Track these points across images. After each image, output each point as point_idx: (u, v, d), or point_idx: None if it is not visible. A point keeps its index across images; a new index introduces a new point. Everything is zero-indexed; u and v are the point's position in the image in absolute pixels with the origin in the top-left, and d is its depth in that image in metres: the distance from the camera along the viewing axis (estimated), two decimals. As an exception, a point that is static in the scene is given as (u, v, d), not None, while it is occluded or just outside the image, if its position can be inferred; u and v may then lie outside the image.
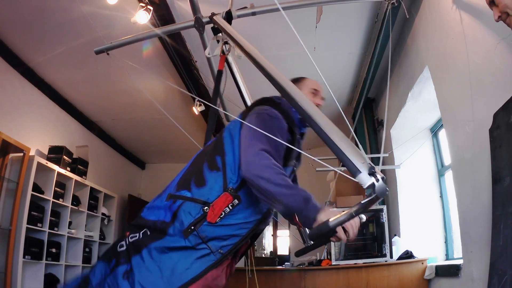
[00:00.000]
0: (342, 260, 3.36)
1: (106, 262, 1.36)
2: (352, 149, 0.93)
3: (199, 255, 1.27)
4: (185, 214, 1.29)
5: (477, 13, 1.95)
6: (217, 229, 1.28)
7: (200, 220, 1.28)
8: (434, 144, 3.63)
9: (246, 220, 1.34)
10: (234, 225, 1.31)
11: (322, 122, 1.03)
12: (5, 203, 3.45)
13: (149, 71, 4.10)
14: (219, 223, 1.28)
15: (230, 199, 1.29)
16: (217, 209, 1.28)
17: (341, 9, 3.21)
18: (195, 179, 1.36)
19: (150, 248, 1.29)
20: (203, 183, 1.34)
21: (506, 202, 1.55)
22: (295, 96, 1.18)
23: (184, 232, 1.27)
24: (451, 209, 3.28)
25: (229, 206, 1.29)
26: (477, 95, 2.00)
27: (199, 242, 1.27)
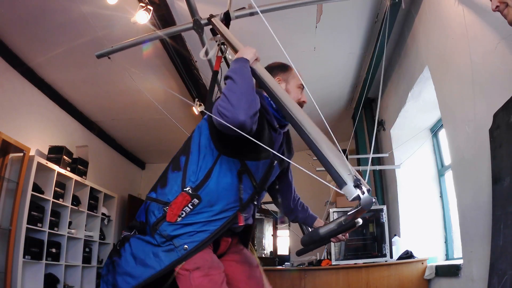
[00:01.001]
0: (342, 260, 3.36)
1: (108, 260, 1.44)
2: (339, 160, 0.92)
3: (164, 249, 1.31)
4: (150, 214, 1.36)
5: (477, 13, 1.95)
6: (179, 227, 1.31)
7: (161, 219, 1.32)
8: (434, 144, 3.63)
9: (213, 218, 1.33)
10: (200, 222, 1.32)
11: (311, 131, 1.04)
12: (5, 203, 3.45)
13: (149, 72, 4.10)
14: (181, 222, 1.31)
15: (188, 199, 1.32)
16: (175, 209, 1.31)
17: (341, 9, 3.21)
18: (161, 181, 1.42)
19: (133, 239, 1.37)
20: (165, 184, 1.39)
21: (506, 202, 1.55)
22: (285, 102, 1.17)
23: (151, 231, 1.33)
24: (451, 209, 3.28)
25: (189, 205, 1.31)
26: (477, 95, 2.00)
27: (164, 240, 1.31)
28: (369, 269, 3.15)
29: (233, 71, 1.26)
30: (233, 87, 1.19)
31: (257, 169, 1.42)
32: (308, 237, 0.96)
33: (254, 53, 1.37)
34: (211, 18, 1.99)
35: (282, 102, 1.18)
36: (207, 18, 2.06)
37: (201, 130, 1.42)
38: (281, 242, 8.62)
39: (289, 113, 1.14)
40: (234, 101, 1.15)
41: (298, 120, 1.09)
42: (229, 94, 1.17)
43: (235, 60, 1.34)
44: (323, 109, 5.07)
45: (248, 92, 1.19)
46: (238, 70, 1.26)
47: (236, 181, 1.37)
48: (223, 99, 1.17)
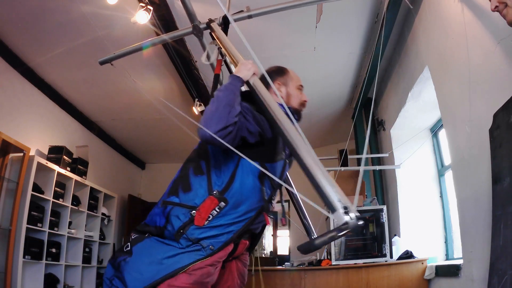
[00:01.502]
0: (342, 260, 3.36)
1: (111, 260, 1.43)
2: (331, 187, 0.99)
3: (188, 250, 1.31)
4: (175, 219, 1.34)
5: (477, 13, 1.95)
6: (207, 230, 1.32)
7: (188, 223, 1.32)
8: (434, 144, 3.63)
9: (238, 219, 1.36)
10: (225, 225, 1.34)
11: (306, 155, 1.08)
12: (5, 203, 3.45)
13: (149, 72, 4.10)
14: (208, 225, 1.32)
15: (216, 202, 1.33)
16: (203, 213, 1.32)
17: (341, 9, 3.21)
18: (182, 185, 1.41)
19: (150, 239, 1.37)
20: (189, 188, 1.39)
21: (506, 202, 1.55)
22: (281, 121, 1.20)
23: (175, 236, 1.32)
24: (451, 209, 3.28)
25: (216, 209, 1.33)
26: (477, 95, 2.00)
27: (190, 244, 1.31)
28: (369, 269, 3.15)
29: (220, 89, 1.34)
30: (211, 105, 1.28)
31: (274, 170, 1.47)
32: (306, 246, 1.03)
33: (250, 69, 1.40)
34: (210, 22, 1.99)
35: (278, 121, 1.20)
36: (206, 22, 2.06)
37: None
38: (281, 242, 8.63)
39: (283, 132, 1.17)
40: (205, 117, 1.25)
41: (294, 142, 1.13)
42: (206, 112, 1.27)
43: (229, 77, 1.40)
44: (323, 109, 5.11)
45: (220, 109, 1.25)
46: (225, 88, 1.34)
47: (258, 183, 1.41)
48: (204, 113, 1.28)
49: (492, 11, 1.34)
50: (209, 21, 1.99)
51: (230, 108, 1.27)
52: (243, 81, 1.39)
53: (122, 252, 1.39)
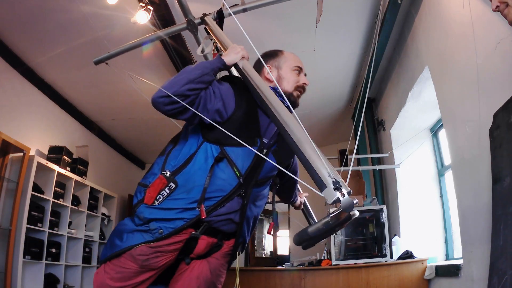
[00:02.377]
0: (342, 260, 3.36)
1: None
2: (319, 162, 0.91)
3: (140, 229, 1.32)
4: (135, 196, 1.39)
5: (477, 13, 1.95)
6: (155, 211, 1.29)
7: (141, 201, 1.34)
8: (434, 144, 3.63)
9: (190, 206, 1.27)
10: (175, 209, 1.28)
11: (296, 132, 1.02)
12: (5, 203, 3.45)
13: (149, 72, 4.10)
14: (158, 206, 1.30)
15: (164, 182, 1.30)
16: (152, 191, 1.31)
17: (341, 9, 3.21)
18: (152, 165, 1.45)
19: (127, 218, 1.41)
20: (150, 168, 1.42)
21: (506, 202, 1.55)
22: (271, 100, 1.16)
23: (132, 212, 1.37)
24: (451, 209, 3.28)
25: (166, 189, 1.29)
26: (477, 95, 2.00)
27: (141, 222, 1.31)
28: (369, 269, 3.15)
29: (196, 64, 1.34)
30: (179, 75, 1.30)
31: (238, 157, 1.31)
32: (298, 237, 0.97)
33: (238, 52, 1.39)
34: (204, 17, 1.98)
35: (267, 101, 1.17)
36: (200, 17, 2.05)
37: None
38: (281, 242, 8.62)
39: (272, 112, 1.13)
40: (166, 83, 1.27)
41: (282, 119, 1.07)
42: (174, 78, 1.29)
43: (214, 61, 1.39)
44: (323, 109, 5.11)
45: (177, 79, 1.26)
46: (197, 64, 1.34)
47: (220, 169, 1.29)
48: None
49: (493, 11, 1.34)
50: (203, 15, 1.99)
51: (188, 81, 1.25)
52: (225, 64, 1.37)
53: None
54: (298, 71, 1.51)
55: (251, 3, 2.15)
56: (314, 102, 4.82)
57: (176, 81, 1.25)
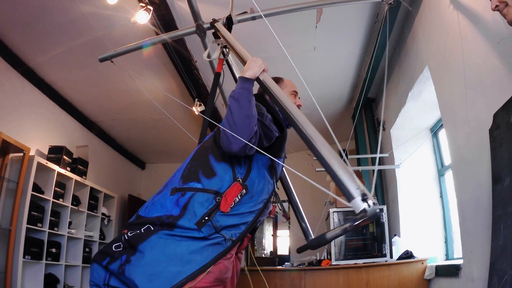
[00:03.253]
0: (342, 260, 3.36)
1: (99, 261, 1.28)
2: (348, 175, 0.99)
3: (210, 243, 1.26)
4: (198, 205, 1.28)
5: (478, 13, 1.95)
6: (229, 218, 1.31)
7: (214, 210, 1.29)
8: (434, 144, 3.63)
9: (251, 209, 1.38)
10: (243, 214, 1.35)
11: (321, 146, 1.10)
12: (5, 203, 3.45)
13: (149, 72, 4.10)
14: (231, 212, 1.31)
15: (240, 189, 1.34)
16: (229, 199, 1.31)
17: (341, 9, 3.21)
18: (203, 170, 1.37)
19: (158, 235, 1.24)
20: (213, 174, 1.35)
21: (506, 202, 1.55)
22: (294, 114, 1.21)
23: (198, 224, 1.25)
24: (451, 209, 3.28)
25: (239, 195, 1.33)
26: (477, 95, 2.00)
27: (213, 232, 1.26)
28: (369, 269, 3.15)
29: (234, 96, 1.34)
30: (230, 118, 1.30)
31: (278, 165, 1.54)
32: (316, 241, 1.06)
33: (260, 65, 1.41)
34: (214, 22, 1.99)
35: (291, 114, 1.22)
36: (209, 22, 2.06)
37: None
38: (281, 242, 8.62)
39: (298, 126, 1.18)
40: (228, 134, 1.27)
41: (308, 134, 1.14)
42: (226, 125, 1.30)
43: (239, 80, 1.39)
44: (323, 109, 5.09)
45: (242, 124, 1.28)
46: (237, 94, 1.34)
47: (268, 175, 1.47)
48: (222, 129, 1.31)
49: (493, 10, 1.34)
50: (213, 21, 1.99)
51: (250, 119, 1.30)
52: (253, 82, 1.39)
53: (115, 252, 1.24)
54: (294, 95, 1.75)
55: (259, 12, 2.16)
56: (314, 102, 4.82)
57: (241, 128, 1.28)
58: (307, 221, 1.97)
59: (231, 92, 1.37)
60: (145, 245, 1.22)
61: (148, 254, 1.20)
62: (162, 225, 1.26)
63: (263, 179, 1.43)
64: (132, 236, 1.26)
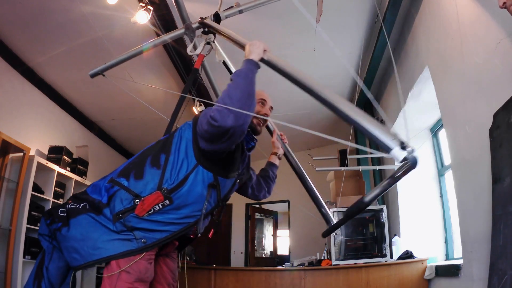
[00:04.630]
0: (342, 260, 3.36)
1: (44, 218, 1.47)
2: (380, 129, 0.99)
3: (120, 237, 1.34)
4: (118, 201, 1.36)
5: (478, 13, 1.95)
6: (143, 222, 1.34)
7: (129, 210, 1.34)
8: (434, 144, 3.63)
9: (177, 221, 1.38)
10: (162, 222, 1.36)
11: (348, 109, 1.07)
12: (5, 203, 3.44)
13: (149, 72, 4.10)
14: (147, 217, 1.34)
15: (161, 199, 1.35)
16: (146, 205, 1.34)
17: (341, 9, 3.21)
18: (135, 171, 1.42)
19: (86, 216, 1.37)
20: (140, 176, 1.40)
21: (506, 202, 1.55)
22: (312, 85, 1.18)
23: (113, 218, 1.34)
24: (451, 209, 3.28)
25: (159, 204, 1.35)
26: (477, 95, 2.00)
27: (124, 229, 1.33)
28: (369, 269, 3.15)
29: (237, 74, 1.31)
30: (232, 91, 1.25)
31: (225, 185, 1.47)
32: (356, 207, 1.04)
33: (260, 46, 1.39)
34: (202, 21, 1.99)
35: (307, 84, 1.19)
36: (198, 21, 2.06)
37: (182, 133, 1.44)
38: (281, 242, 8.62)
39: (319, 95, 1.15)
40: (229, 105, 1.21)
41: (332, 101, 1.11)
42: (227, 97, 1.23)
43: (245, 61, 1.37)
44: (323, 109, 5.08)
45: (244, 99, 1.24)
46: (242, 73, 1.31)
47: (205, 193, 1.40)
48: (220, 100, 1.24)
49: (500, 8, 1.34)
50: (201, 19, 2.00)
51: (251, 100, 1.27)
52: (258, 66, 1.36)
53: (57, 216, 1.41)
54: (262, 103, 1.65)
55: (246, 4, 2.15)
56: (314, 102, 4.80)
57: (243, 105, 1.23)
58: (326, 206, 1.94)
59: (235, 71, 1.35)
60: (74, 221, 1.38)
61: (72, 230, 1.36)
62: (94, 207, 1.39)
63: (196, 195, 1.39)
64: (71, 209, 1.42)
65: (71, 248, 1.35)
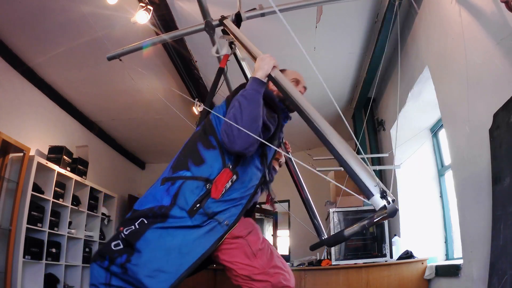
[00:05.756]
0: (342, 260, 3.36)
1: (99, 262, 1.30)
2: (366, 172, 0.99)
3: (205, 230, 1.30)
4: (189, 193, 1.30)
5: (478, 13, 1.95)
6: (221, 204, 1.33)
7: (205, 197, 1.30)
8: (434, 144, 3.63)
9: (243, 194, 1.40)
10: (235, 199, 1.37)
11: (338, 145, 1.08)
12: (5, 203, 3.45)
13: (149, 71, 4.10)
14: (223, 198, 1.33)
15: (230, 175, 1.36)
16: (219, 185, 1.33)
17: (341, 9, 3.21)
18: (192, 159, 1.39)
19: (152, 230, 1.26)
20: (202, 161, 1.38)
21: (506, 202, 1.55)
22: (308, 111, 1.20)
23: (190, 212, 1.28)
24: (451, 209, 3.28)
25: (229, 182, 1.35)
26: (477, 95, 2.00)
27: (205, 219, 1.29)
28: (369, 269, 3.15)
29: (246, 96, 1.33)
30: (238, 116, 1.29)
31: (270, 153, 1.55)
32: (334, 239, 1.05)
33: (269, 62, 1.40)
34: (222, 19, 1.98)
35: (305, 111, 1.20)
36: (218, 19, 2.05)
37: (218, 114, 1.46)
38: (281, 242, 8.63)
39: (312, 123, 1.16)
40: (235, 131, 1.27)
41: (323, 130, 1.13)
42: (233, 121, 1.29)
43: (251, 80, 1.38)
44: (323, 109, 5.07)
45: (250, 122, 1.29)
46: (249, 95, 1.34)
47: (259, 162, 1.48)
48: (228, 124, 1.30)
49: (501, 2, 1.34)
50: (222, 18, 1.99)
51: (257, 122, 1.31)
52: (265, 84, 1.38)
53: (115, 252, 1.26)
54: (296, 83, 1.68)
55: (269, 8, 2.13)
56: (314, 102, 4.77)
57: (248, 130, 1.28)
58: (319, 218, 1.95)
59: (241, 91, 1.37)
60: (141, 243, 1.25)
61: (145, 252, 1.23)
62: (155, 216, 1.29)
63: (253, 165, 1.44)
64: (128, 234, 1.28)
65: (154, 272, 1.21)
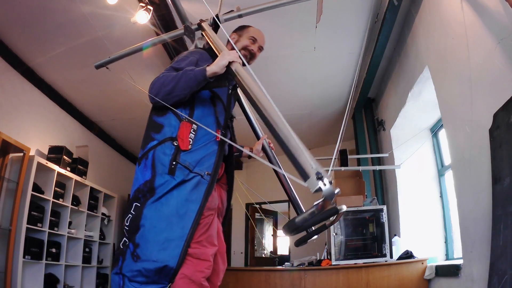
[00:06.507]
0: (342, 260, 3.36)
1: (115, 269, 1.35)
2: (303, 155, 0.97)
3: (192, 185, 1.36)
4: (162, 156, 1.39)
5: (477, 13, 1.95)
6: (194, 153, 1.40)
7: (177, 153, 1.38)
8: (434, 144, 3.63)
9: (211, 139, 1.47)
10: (205, 145, 1.44)
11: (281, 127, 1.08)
12: (5, 203, 3.44)
13: (149, 72, 4.10)
14: (193, 148, 1.40)
15: (189, 125, 1.44)
16: (184, 138, 1.40)
17: (341, 9, 3.21)
18: (152, 129, 1.49)
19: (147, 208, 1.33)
20: (160, 127, 1.47)
21: (506, 202, 1.55)
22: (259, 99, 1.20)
23: (170, 172, 1.35)
24: (451, 209, 3.28)
25: (192, 132, 1.43)
26: (477, 95, 2.00)
27: (187, 172, 1.36)
28: (369, 269, 3.15)
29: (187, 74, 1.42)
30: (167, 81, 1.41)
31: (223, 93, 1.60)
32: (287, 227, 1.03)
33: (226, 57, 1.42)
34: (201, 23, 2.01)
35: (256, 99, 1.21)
36: (197, 23, 2.07)
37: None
38: (281, 242, 8.63)
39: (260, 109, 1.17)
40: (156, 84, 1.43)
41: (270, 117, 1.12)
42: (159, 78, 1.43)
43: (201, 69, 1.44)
44: (323, 109, 5.11)
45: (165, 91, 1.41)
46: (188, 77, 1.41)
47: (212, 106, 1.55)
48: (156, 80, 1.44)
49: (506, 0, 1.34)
50: (200, 22, 2.01)
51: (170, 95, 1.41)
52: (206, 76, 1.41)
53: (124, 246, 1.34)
54: (253, 40, 1.78)
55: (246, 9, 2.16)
56: (314, 102, 4.83)
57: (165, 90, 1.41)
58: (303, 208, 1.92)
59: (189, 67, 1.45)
60: (142, 223, 1.32)
61: (147, 229, 1.30)
62: (144, 195, 1.36)
63: (209, 110, 1.52)
64: (129, 224, 1.36)
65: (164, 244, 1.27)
